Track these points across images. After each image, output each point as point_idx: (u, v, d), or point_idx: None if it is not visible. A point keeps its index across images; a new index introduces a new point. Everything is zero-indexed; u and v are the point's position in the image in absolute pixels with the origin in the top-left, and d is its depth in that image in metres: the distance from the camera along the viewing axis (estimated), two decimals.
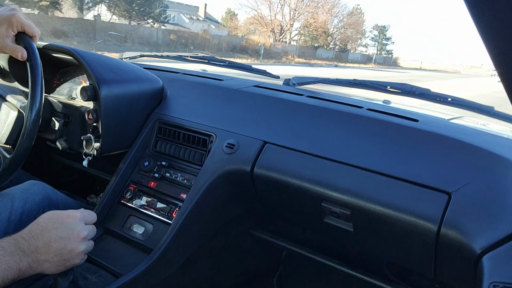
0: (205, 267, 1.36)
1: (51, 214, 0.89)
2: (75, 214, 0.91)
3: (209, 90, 1.42)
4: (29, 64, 1.03)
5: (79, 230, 0.89)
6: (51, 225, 0.86)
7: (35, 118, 1.02)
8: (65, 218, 0.88)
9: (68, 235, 0.86)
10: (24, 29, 1.04)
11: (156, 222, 1.18)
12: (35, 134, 1.03)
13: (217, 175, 1.16)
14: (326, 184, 1.02)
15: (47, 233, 0.84)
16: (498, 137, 1.11)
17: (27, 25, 1.04)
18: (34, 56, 1.04)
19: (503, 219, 0.79)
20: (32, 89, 1.02)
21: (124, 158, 1.31)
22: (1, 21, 1.00)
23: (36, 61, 1.04)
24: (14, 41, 1.04)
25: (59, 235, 0.85)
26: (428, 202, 0.89)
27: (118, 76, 1.26)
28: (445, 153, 0.97)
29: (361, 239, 1.11)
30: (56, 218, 0.87)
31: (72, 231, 0.87)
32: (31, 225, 0.85)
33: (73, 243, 0.87)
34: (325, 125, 1.16)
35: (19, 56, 1.02)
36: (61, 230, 0.86)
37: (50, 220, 0.86)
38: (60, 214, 0.89)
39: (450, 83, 23.01)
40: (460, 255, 0.83)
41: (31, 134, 1.02)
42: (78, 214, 0.91)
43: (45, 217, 0.87)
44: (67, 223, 0.88)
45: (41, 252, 0.82)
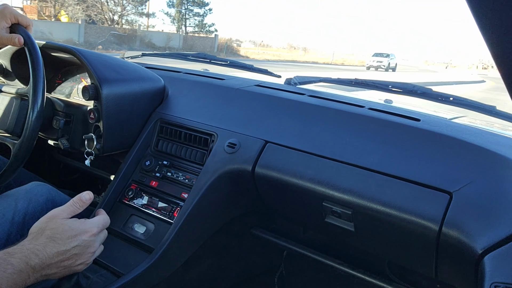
0: (206, 266, 1.36)
1: (67, 229, 0.83)
2: (93, 229, 0.87)
3: (210, 89, 1.42)
4: (27, 48, 1.06)
5: (94, 246, 0.87)
6: (68, 243, 0.81)
7: (40, 101, 1.04)
8: (83, 235, 0.84)
9: (82, 252, 0.84)
10: (18, 20, 1.08)
11: (157, 222, 1.19)
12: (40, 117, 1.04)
13: (219, 175, 1.16)
14: (327, 183, 1.02)
15: (62, 250, 0.80)
16: (500, 136, 1.11)
17: (20, 16, 1.07)
18: (30, 41, 1.07)
19: (504, 219, 0.79)
20: (33, 69, 1.05)
21: (126, 158, 1.31)
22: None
23: (33, 45, 1.06)
24: (8, 33, 1.08)
25: (73, 252, 0.82)
26: (429, 202, 0.89)
27: (119, 75, 1.26)
28: (446, 153, 0.97)
29: (362, 239, 1.11)
30: (73, 235, 0.83)
31: (87, 249, 0.85)
32: (46, 238, 0.80)
33: (85, 258, 0.85)
34: (327, 125, 1.15)
35: (16, 42, 1.05)
36: (77, 248, 0.83)
37: (68, 238, 0.82)
38: (77, 229, 0.84)
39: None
40: (461, 255, 0.83)
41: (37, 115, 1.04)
42: (95, 229, 0.87)
43: (63, 232, 0.82)
44: (84, 241, 0.84)
45: (52, 267, 0.80)
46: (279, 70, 1.84)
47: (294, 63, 29.11)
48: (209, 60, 1.78)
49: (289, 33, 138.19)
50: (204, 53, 1.90)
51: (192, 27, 34.32)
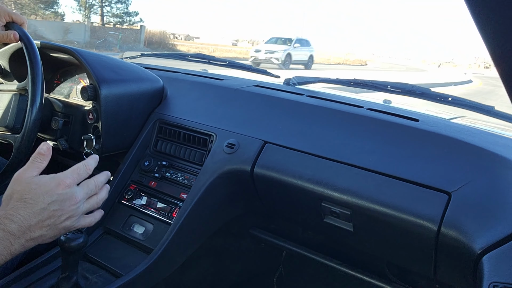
0: (205, 266, 1.36)
1: (35, 187, 0.77)
2: (65, 180, 0.80)
3: (209, 89, 1.42)
4: (23, 43, 1.08)
5: (75, 197, 0.80)
6: (41, 200, 0.76)
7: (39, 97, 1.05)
8: (55, 189, 0.78)
9: (61, 207, 0.78)
10: (12, 18, 1.10)
11: (156, 222, 1.18)
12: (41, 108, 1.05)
13: (218, 175, 1.16)
14: (326, 184, 1.02)
15: (38, 209, 0.75)
16: (499, 136, 1.11)
17: (14, 14, 1.09)
18: (26, 36, 1.08)
19: (503, 219, 0.79)
20: (30, 62, 1.06)
21: (125, 158, 1.31)
22: None
23: (29, 40, 1.08)
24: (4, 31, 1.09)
25: (52, 208, 0.77)
26: (428, 202, 0.89)
27: (118, 76, 1.26)
28: (445, 153, 0.97)
29: (361, 239, 1.11)
30: (44, 191, 0.77)
31: (66, 201, 0.79)
32: (15, 201, 0.75)
33: (69, 211, 0.79)
34: (326, 125, 1.16)
35: (12, 38, 1.07)
36: (54, 204, 0.77)
37: (39, 196, 0.76)
38: (47, 184, 0.78)
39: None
40: (460, 255, 0.83)
41: (28, 145, 1.04)
42: (68, 180, 0.80)
43: (30, 191, 0.76)
44: (59, 195, 0.78)
45: (34, 230, 0.75)
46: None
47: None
48: (208, 60, 1.78)
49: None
50: (202, 53, 1.90)
51: (110, 16, 26.63)
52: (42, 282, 1.02)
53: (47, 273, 1.05)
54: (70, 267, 0.93)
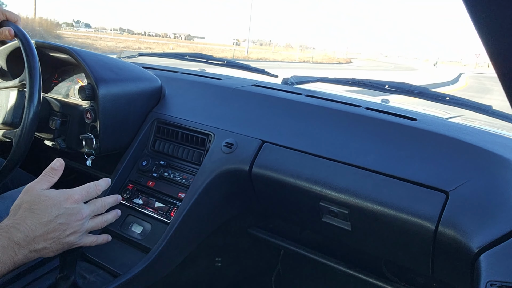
0: (203, 266, 1.36)
1: (45, 199, 0.79)
2: (73, 196, 0.82)
3: (207, 89, 1.42)
4: (18, 39, 1.08)
5: (81, 213, 0.82)
6: (48, 212, 0.77)
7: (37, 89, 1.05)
8: (63, 203, 0.80)
9: (67, 220, 0.79)
10: (6, 15, 1.10)
11: (154, 222, 1.18)
12: (29, 143, 1.04)
13: (216, 175, 1.16)
14: (324, 183, 1.02)
15: (44, 221, 0.77)
16: (496, 136, 1.12)
17: (7, 12, 1.10)
18: (21, 32, 1.09)
19: (500, 218, 0.79)
20: (26, 55, 1.06)
21: (123, 158, 1.31)
22: None
23: (24, 35, 1.08)
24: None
25: (58, 222, 0.78)
26: (426, 201, 0.89)
27: (116, 75, 1.26)
28: (443, 152, 0.98)
29: (359, 238, 1.12)
30: (53, 203, 0.79)
31: (72, 216, 0.80)
32: (24, 211, 0.77)
33: (74, 227, 0.81)
34: (324, 124, 1.16)
35: (7, 34, 1.07)
36: (61, 218, 0.78)
37: (47, 208, 0.78)
38: (56, 197, 0.80)
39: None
40: (457, 253, 0.83)
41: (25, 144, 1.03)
42: (77, 196, 0.83)
43: (40, 202, 0.78)
44: (66, 209, 0.80)
45: (38, 241, 0.76)
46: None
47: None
48: (206, 60, 1.78)
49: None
50: (201, 53, 1.90)
51: None
52: (39, 281, 1.02)
53: (44, 273, 1.05)
54: (68, 267, 0.93)
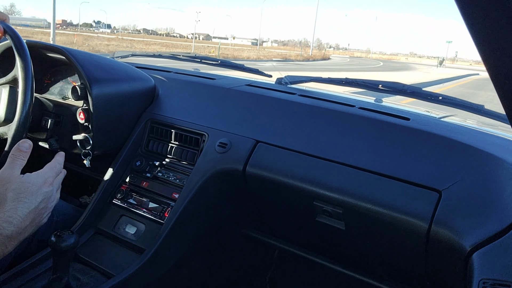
0: (198, 266, 1.35)
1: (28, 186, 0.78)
2: (49, 179, 0.83)
3: (201, 89, 1.42)
4: (8, 35, 1.07)
5: (54, 196, 0.83)
6: (34, 199, 0.77)
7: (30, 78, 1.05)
8: (43, 187, 0.80)
9: (46, 205, 0.80)
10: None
11: (148, 222, 1.18)
12: (31, 103, 1.05)
13: (210, 175, 1.16)
14: (318, 183, 1.02)
15: (32, 208, 0.76)
16: (488, 135, 1.12)
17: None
18: (9, 28, 1.08)
19: (493, 216, 0.80)
20: (17, 49, 1.05)
21: (116, 158, 1.30)
22: None
23: (13, 31, 1.07)
24: None
25: (41, 206, 0.79)
26: (419, 200, 0.90)
27: (109, 75, 1.25)
28: (436, 151, 0.98)
29: (353, 237, 1.12)
30: (36, 189, 0.79)
31: (49, 199, 0.81)
32: (12, 201, 0.75)
33: (49, 210, 0.82)
34: (317, 124, 1.16)
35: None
36: (43, 202, 0.79)
37: (32, 195, 0.77)
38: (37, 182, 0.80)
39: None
40: (450, 252, 0.84)
41: (29, 100, 1.04)
42: (51, 178, 0.84)
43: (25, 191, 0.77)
44: (46, 193, 0.80)
45: (28, 229, 0.76)
46: None
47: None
48: (200, 59, 1.78)
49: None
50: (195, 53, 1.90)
51: None
52: (33, 283, 1.01)
53: (37, 274, 1.04)
54: (61, 268, 0.92)
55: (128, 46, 20.56)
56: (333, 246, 1.37)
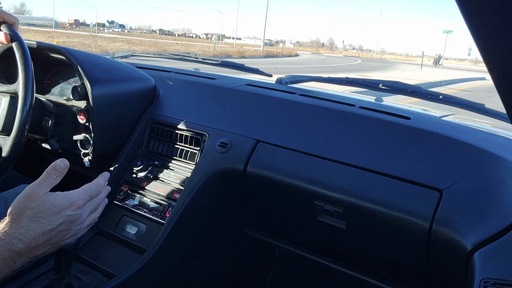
0: (199, 266, 1.35)
1: (50, 207, 0.75)
2: (78, 202, 0.79)
3: (201, 89, 1.42)
4: (14, 45, 1.05)
5: (82, 219, 0.80)
6: (52, 221, 0.75)
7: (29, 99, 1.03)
8: (67, 210, 0.77)
9: (68, 228, 0.77)
10: (3, 18, 1.06)
11: (149, 222, 1.18)
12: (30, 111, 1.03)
13: (210, 174, 1.16)
14: (319, 182, 1.02)
15: (48, 229, 0.74)
16: (489, 134, 1.12)
17: (4, 14, 1.05)
18: (17, 37, 1.06)
19: (494, 215, 0.80)
20: (21, 64, 1.04)
21: (117, 158, 1.30)
22: None
23: (20, 41, 1.06)
24: None
25: (60, 229, 0.76)
26: (420, 200, 0.90)
27: (110, 75, 1.26)
28: (436, 151, 0.98)
29: (354, 237, 1.12)
30: (57, 211, 0.76)
31: (73, 223, 0.78)
32: (27, 220, 0.73)
33: (73, 232, 0.79)
34: (318, 124, 1.16)
35: (3, 39, 1.03)
36: (63, 225, 0.76)
37: (51, 216, 0.75)
38: (61, 204, 0.77)
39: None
40: (451, 251, 0.84)
41: (18, 145, 1.02)
42: (81, 201, 0.80)
43: (44, 211, 0.75)
44: (69, 216, 0.77)
45: (39, 248, 0.74)
46: None
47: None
48: (200, 59, 1.78)
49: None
50: (195, 53, 1.90)
51: None
52: (34, 283, 1.01)
53: (39, 275, 1.04)
54: (63, 268, 0.92)
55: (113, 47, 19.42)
56: (334, 246, 1.37)
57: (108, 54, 1.89)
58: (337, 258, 1.28)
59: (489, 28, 0.41)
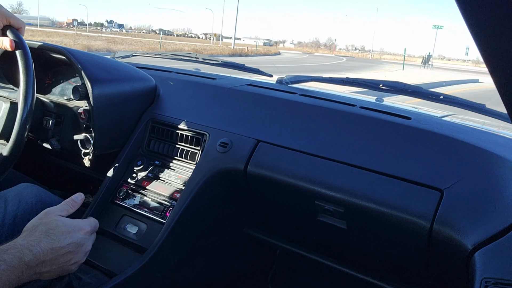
0: (200, 266, 1.35)
1: (61, 226, 0.83)
2: (86, 227, 0.88)
3: (202, 89, 1.42)
4: (18, 53, 1.03)
5: (87, 245, 0.87)
6: (62, 239, 0.81)
7: (29, 109, 1.02)
8: (77, 232, 0.85)
9: (76, 250, 0.84)
10: (10, 22, 1.03)
11: (149, 222, 1.18)
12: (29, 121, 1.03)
13: (211, 174, 1.16)
14: (319, 182, 1.02)
15: (58, 248, 0.80)
16: (490, 134, 1.12)
17: (12, 17, 1.03)
18: (22, 45, 1.03)
19: (494, 215, 0.80)
20: (23, 74, 1.03)
21: (117, 158, 1.30)
22: None
23: (25, 50, 1.03)
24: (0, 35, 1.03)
25: (68, 249, 0.82)
26: (420, 200, 0.90)
27: (110, 75, 1.26)
28: (437, 151, 0.98)
29: (354, 237, 1.12)
30: (68, 231, 0.83)
31: (81, 247, 0.85)
32: (40, 234, 0.80)
33: (79, 257, 0.85)
34: (318, 123, 1.16)
35: (7, 46, 1.01)
36: (72, 246, 0.83)
37: (62, 234, 0.82)
38: (72, 226, 0.85)
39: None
40: (452, 251, 0.84)
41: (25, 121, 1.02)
42: (89, 228, 0.89)
43: (57, 228, 0.82)
44: (78, 238, 0.84)
45: (46, 265, 0.78)
46: None
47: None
48: (201, 60, 1.78)
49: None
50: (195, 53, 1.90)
51: None
52: (33, 282, 1.01)
53: None
54: None
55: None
56: (335, 245, 1.37)
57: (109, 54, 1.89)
58: (337, 257, 1.28)
59: (490, 28, 0.41)
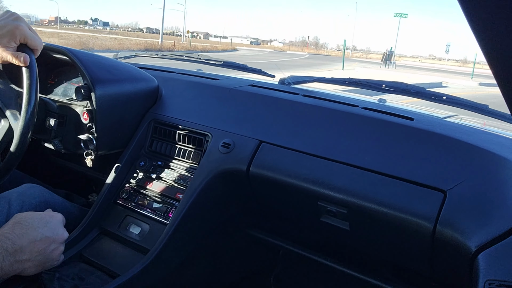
0: (202, 266, 1.35)
1: (32, 214, 0.90)
2: (57, 215, 0.94)
3: (204, 89, 1.42)
4: (25, 72, 1.00)
5: (62, 232, 0.92)
6: (36, 224, 0.87)
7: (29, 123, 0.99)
8: (49, 218, 0.91)
9: (52, 235, 0.89)
10: (27, 42, 1.00)
11: (152, 222, 1.18)
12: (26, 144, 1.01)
13: (213, 175, 1.16)
14: (322, 183, 1.02)
15: (32, 232, 0.85)
16: (493, 135, 1.12)
17: (30, 38, 0.99)
18: (31, 66, 1.00)
19: (498, 217, 0.80)
20: (26, 93, 1.01)
21: (120, 158, 1.30)
22: (5, 33, 0.95)
23: (33, 72, 1.00)
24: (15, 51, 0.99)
25: (44, 234, 0.87)
26: (423, 201, 0.90)
27: (113, 76, 1.26)
28: (440, 151, 0.98)
29: (357, 238, 1.12)
30: (40, 217, 0.89)
31: (56, 232, 0.90)
32: (13, 224, 0.85)
33: (56, 244, 0.90)
34: (321, 124, 1.16)
35: (21, 60, 0.98)
36: (46, 229, 0.88)
37: (33, 219, 0.88)
38: (43, 214, 0.91)
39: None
40: (455, 253, 0.83)
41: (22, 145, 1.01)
42: (60, 215, 0.95)
43: (27, 216, 0.88)
44: (52, 223, 0.90)
45: (25, 251, 0.83)
46: None
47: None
48: (203, 60, 1.78)
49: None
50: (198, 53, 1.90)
51: None
52: None
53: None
54: None
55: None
56: (337, 247, 1.37)
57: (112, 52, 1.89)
58: (340, 258, 1.28)
59: (493, 28, 0.41)
